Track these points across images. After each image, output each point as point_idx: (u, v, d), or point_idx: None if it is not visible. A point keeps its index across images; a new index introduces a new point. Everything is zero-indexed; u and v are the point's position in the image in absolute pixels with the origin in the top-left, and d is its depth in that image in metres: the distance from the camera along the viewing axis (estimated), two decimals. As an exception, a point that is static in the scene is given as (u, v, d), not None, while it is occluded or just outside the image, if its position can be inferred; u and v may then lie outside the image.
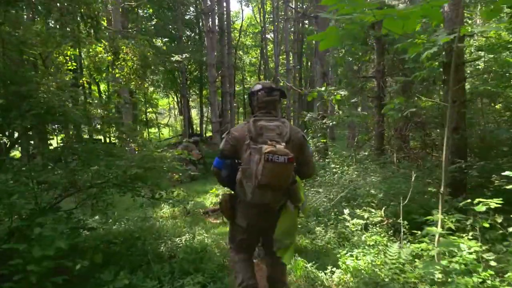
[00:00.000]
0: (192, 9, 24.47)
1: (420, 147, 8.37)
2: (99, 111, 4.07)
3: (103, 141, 5.82)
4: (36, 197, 3.10)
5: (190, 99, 35.91)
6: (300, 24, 25.48)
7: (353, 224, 3.86)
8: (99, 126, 4.41)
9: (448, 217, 3.25)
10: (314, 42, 29.36)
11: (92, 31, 4.39)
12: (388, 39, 7.19)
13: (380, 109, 7.48)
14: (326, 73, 9.58)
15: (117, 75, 5.94)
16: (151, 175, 3.54)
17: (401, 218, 3.42)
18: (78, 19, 4.40)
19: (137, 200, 4.04)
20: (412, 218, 4.05)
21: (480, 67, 6.59)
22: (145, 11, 20.05)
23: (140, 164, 3.50)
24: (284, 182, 2.30)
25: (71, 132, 3.89)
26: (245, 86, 35.91)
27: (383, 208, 3.79)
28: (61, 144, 3.51)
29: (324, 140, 9.15)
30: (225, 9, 16.02)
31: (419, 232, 3.57)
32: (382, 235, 3.61)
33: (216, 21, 14.57)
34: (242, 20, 30.43)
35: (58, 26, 4.29)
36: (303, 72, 27.44)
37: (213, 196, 8.22)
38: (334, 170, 7.81)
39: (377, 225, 3.67)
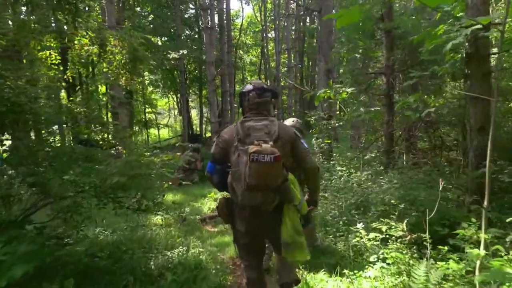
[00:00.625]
0: (192, 7, 24.03)
1: (429, 148, 7.89)
2: (79, 109, 3.58)
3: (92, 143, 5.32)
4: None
5: (190, 99, 35.45)
6: (302, 23, 25.00)
7: (369, 239, 3.36)
8: (82, 127, 3.91)
9: (481, 232, 2.76)
10: (316, 40, 28.92)
11: (70, 18, 3.90)
12: (398, 32, 6.70)
13: (389, 107, 6.99)
14: (331, 71, 9.08)
15: (104, 70, 5.44)
16: (136, 184, 3.05)
17: (427, 234, 2.92)
18: (54, 1, 3.90)
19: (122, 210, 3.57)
20: (435, 230, 3.57)
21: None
22: (144, 9, 19.55)
23: (123, 171, 3.01)
24: (272, 181, 2.26)
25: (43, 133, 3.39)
26: (246, 86, 35.47)
27: (405, 221, 3.28)
28: (31, 147, 3.01)
29: (329, 141, 8.66)
30: (225, 5, 15.51)
31: (445, 248, 3.08)
32: (404, 251, 3.11)
33: (216, 18, 14.09)
34: (243, 19, 29.94)
35: (32, 12, 3.80)
36: (304, 71, 26.96)
37: (211, 200, 7.74)
38: (340, 173, 7.32)
39: (398, 240, 3.18)
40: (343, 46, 8.32)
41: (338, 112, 9.97)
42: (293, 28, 18.06)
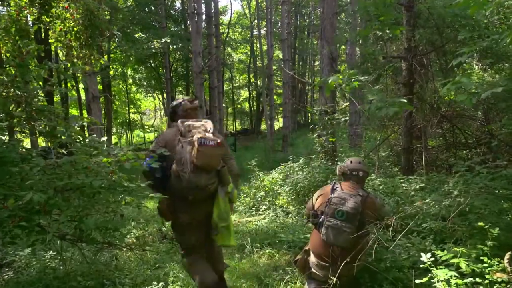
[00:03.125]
0: (178, 5, 22.74)
1: (445, 146, 6.83)
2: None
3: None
4: None
5: (176, 98, 34.13)
6: (293, 18, 23.95)
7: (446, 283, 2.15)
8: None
9: None
10: (308, 34, 27.92)
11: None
12: (422, 7, 5.60)
13: (410, 98, 5.88)
14: (335, 58, 7.95)
15: (50, 41, 4.18)
16: (70, 202, 1.83)
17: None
18: None
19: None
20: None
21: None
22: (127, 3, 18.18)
23: (48, 183, 1.78)
24: (215, 163, 2.70)
25: None
26: (234, 84, 34.24)
27: (508, 254, 2.06)
28: None
29: (333, 139, 7.51)
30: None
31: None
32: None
33: (203, 6, 12.84)
34: (231, 15, 28.73)
35: None
36: (297, 68, 25.92)
37: (198, 210, 6.50)
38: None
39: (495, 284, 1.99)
40: (349, 27, 7.19)
41: (347, 105, 8.77)
42: (286, 21, 16.90)
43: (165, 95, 21.82)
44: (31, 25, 3.94)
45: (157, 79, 26.51)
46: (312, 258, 2.92)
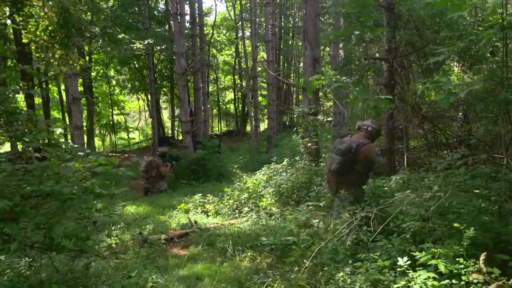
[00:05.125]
0: (162, 5, 22.51)
1: (426, 147, 6.91)
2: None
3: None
4: None
5: (162, 100, 33.73)
6: (277, 21, 23.97)
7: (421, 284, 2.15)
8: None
9: None
10: (293, 35, 27.97)
11: None
12: (402, 9, 5.65)
13: (392, 98, 5.93)
14: (317, 59, 7.97)
15: (24, 41, 4.04)
16: (38, 209, 1.75)
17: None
18: None
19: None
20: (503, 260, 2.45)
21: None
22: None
23: (16, 189, 1.70)
24: None
25: None
26: (219, 86, 34.07)
27: (483, 255, 2.07)
28: None
29: (316, 139, 7.52)
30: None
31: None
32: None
33: (187, 7, 12.74)
34: (216, 16, 28.61)
35: None
36: (281, 69, 25.96)
37: (181, 213, 6.42)
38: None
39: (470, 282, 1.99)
40: (332, 29, 7.22)
41: (331, 105, 8.78)
42: (271, 22, 16.89)
43: (149, 97, 21.57)
44: (4, 26, 3.81)
45: (141, 80, 26.18)
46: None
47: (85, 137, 11.54)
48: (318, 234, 3.82)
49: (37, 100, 25.54)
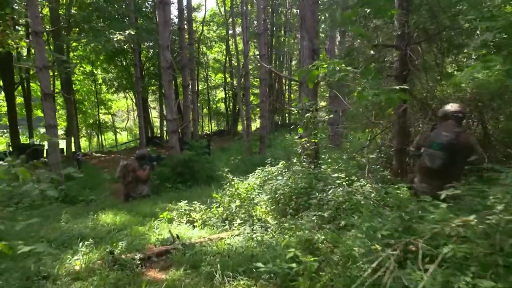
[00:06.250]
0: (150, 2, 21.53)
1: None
2: None
3: None
4: None
5: (150, 99, 32.73)
6: (269, 18, 23.16)
7: None
8: None
9: None
10: (284, 31, 27.21)
11: None
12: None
13: (404, 90, 5.17)
14: (316, 50, 7.19)
15: None
16: None
17: None
18: None
19: None
20: None
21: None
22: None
23: None
24: None
25: None
26: (210, 84, 33.19)
27: None
28: None
29: (315, 140, 6.74)
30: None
31: None
32: None
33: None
34: (205, 12, 27.74)
35: None
36: (273, 66, 25.20)
37: (163, 223, 5.60)
38: (337, 181, 5.47)
39: None
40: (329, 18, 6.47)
41: (325, 104, 7.99)
42: (263, 16, 16.07)
43: (136, 95, 20.66)
44: None
45: (128, 78, 25.26)
46: (416, 180, 4.35)
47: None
48: (328, 258, 3.04)
49: (19, 100, 24.47)
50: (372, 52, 5.40)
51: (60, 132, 23.62)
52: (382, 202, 4.76)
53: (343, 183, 5.37)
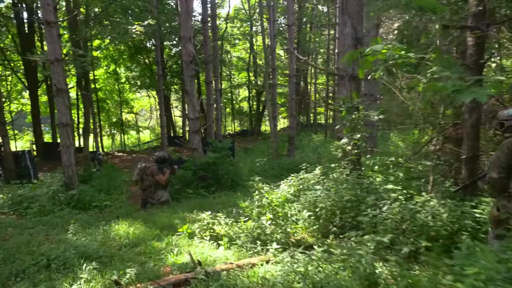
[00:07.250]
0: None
1: None
2: None
3: None
4: None
5: (173, 98, 32.29)
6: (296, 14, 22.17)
7: None
8: None
9: None
10: (311, 27, 26.15)
11: None
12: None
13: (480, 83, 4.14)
14: (360, 39, 6.22)
15: None
16: None
17: None
18: None
19: None
20: None
21: None
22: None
23: None
24: None
25: None
26: (233, 83, 32.45)
27: None
28: None
29: (356, 141, 5.74)
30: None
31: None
32: None
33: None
34: (229, 10, 27.00)
35: None
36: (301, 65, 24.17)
37: (182, 239, 4.76)
38: (392, 194, 4.50)
39: None
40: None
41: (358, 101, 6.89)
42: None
43: (159, 93, 20.09)
44: None
45: (150, 77, 24.85)
46: None
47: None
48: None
49: (43, 98, 24.42)
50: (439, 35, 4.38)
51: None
52: (457, 224, 3.78)
53: (399, 196, 4.40)
